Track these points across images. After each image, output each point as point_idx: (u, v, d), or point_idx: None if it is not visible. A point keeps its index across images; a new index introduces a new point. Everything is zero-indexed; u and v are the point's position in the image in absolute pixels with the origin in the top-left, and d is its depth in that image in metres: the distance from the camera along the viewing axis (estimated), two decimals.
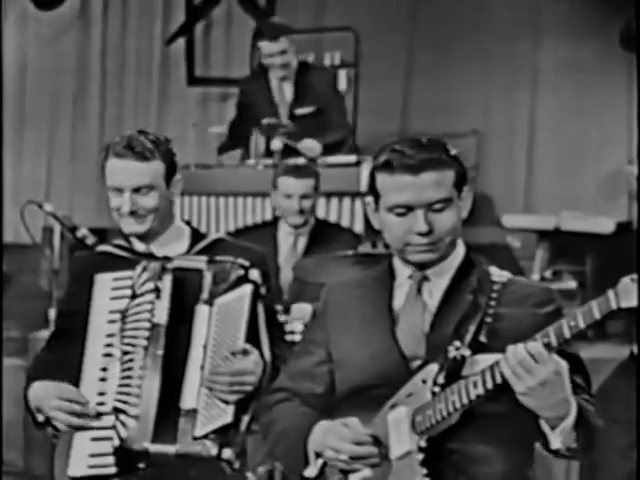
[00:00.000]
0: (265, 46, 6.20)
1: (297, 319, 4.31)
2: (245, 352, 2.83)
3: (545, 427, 2.25)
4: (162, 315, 2.89)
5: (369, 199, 2.54)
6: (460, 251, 2.54)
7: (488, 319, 2.39)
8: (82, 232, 3.68)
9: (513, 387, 2.19)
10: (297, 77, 6.29)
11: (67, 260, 3.04)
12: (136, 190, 2.98)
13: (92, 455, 2.84)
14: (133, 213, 3.00)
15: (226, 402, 2.80)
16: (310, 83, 6.26)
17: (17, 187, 8.32)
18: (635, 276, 2.09)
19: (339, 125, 6.29)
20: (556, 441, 2.24)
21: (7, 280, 5.99)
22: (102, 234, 4.13)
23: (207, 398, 2.82)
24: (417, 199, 2.41)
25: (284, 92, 6.31)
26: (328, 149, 6.06)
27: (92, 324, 2.94)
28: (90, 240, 3.64)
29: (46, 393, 2.89)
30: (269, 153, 6.18)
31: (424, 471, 2.31)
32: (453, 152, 2.48)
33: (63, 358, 2.98)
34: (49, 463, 3.20)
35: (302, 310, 4.52)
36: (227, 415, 2.79)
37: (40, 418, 2.92)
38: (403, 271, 2.54)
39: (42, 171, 8.54)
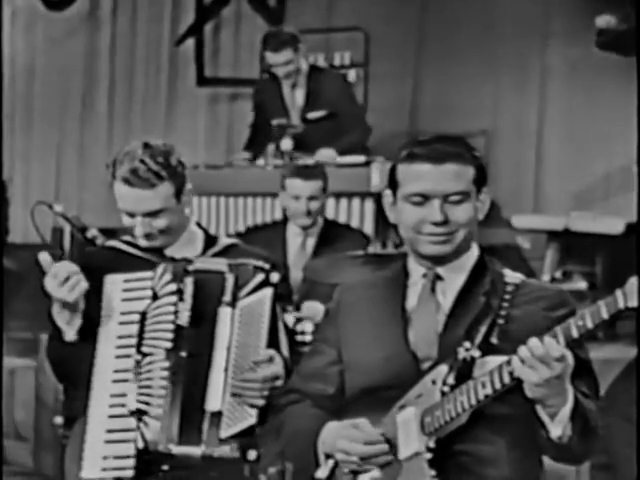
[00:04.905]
0: (269, 56, 6.23)
1: (307, 317, 4.31)
2: (271, 360, 2.85)
3: (544, 416, 2.25)
4: (185, 317, 2.88)
5: (387, 192, 2.55)
6: (474, 252, 2.56)
7: (500, 320, 2.40)
8: (92, 232, 3.69)
9: (525, 379, 2.18)
10: (309, 81, 6.30)
11: (77, 261, 3.04)
12: (147, 214, 2.97)
13: (107, 457, 2.83)
14: (147, 235, 3.00)
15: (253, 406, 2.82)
16: (322, 87, 6.27)
17: (26, 187, 8.34)
18: None
19: (354, 128, 6.29)
20: (556, 430, 2.24)
21: (17, 280, 5.99)
22: (112, 234, 4.13)
23: (232, 400, 2.83)
24: (435, 188, 2.43)
25: (295, 96, 6.33)
26: (345, 152, 6.07)
27: (103, 326, 2.92)
28: (100, 240, 3.65)
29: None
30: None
31: (432, 472, 2.32)
32: (476, 153, 2.50)
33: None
34: (59, 463, 3.19)
35: (312, 308, 4.52)
36: (252, 417, 2.81)
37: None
38: (417, 270, 2.55)
39: (51, 171, 8.56)
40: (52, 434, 4.78)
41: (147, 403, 2.83)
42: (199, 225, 3.20)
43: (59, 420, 3.40)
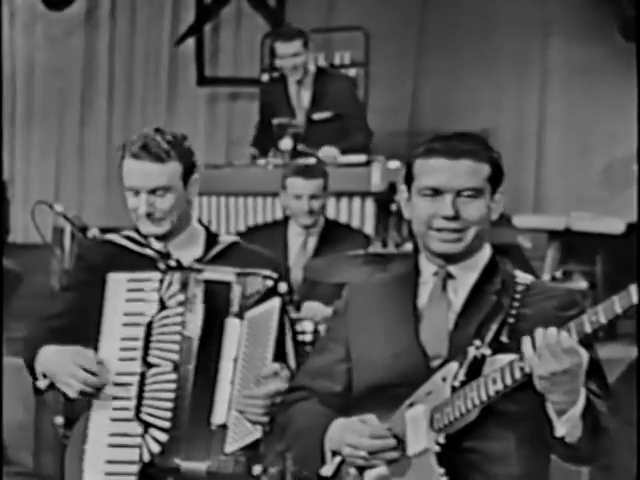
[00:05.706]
0: (279, 46, 6.22)
1: (307, 317, 4.31)
2: (276, 374, 2.84)
3: (552, 413, 2.24)
4: (194, 328, 2.87)
5: (402, 187, 2.56)
6: (486, 252, 2.55)
7: (510, 319, 2.40)
8: (92, 232, 3.68)
9: (533, 369, 2.18)
10: (315, 83, 6.30)
11: (76, 254, 3.04)
12: (152, 191, 2.94)
13: (109, 462, 2.82)
14: (150, 215, 2.96)
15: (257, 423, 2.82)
16: (328, 89, 6.28)
17: (26, 187, 8.34)
18: None
19: (358, 131, 6.29)
20: (561, 428, 2.24)
21: (17, 280, 5.99)
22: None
23: (237, 414, 2.82)
24: (448, 183, 2.43)
25: (301, 97, 6.33)
26: (347, 153, 6.06)
27: (105, 324, 2.90)
28: None
29: (61, 358, 2.82)
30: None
31: (441, 470, 2.32)
32: (494, 153, 2.50)
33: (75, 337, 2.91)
34: (59, 463, 3.18)
35: (312, 308, 4.52)
36: (257, 431, 2.81)
37: (42, 384, 2.87)
38: (428, 268, 2.55)
39: (51, 171, 8.55)
40: (52, 434, 4.77)
41: (154, 415, 2.82)
42: (200, 222, 3.18)
43: (59, 420, 3.39)
